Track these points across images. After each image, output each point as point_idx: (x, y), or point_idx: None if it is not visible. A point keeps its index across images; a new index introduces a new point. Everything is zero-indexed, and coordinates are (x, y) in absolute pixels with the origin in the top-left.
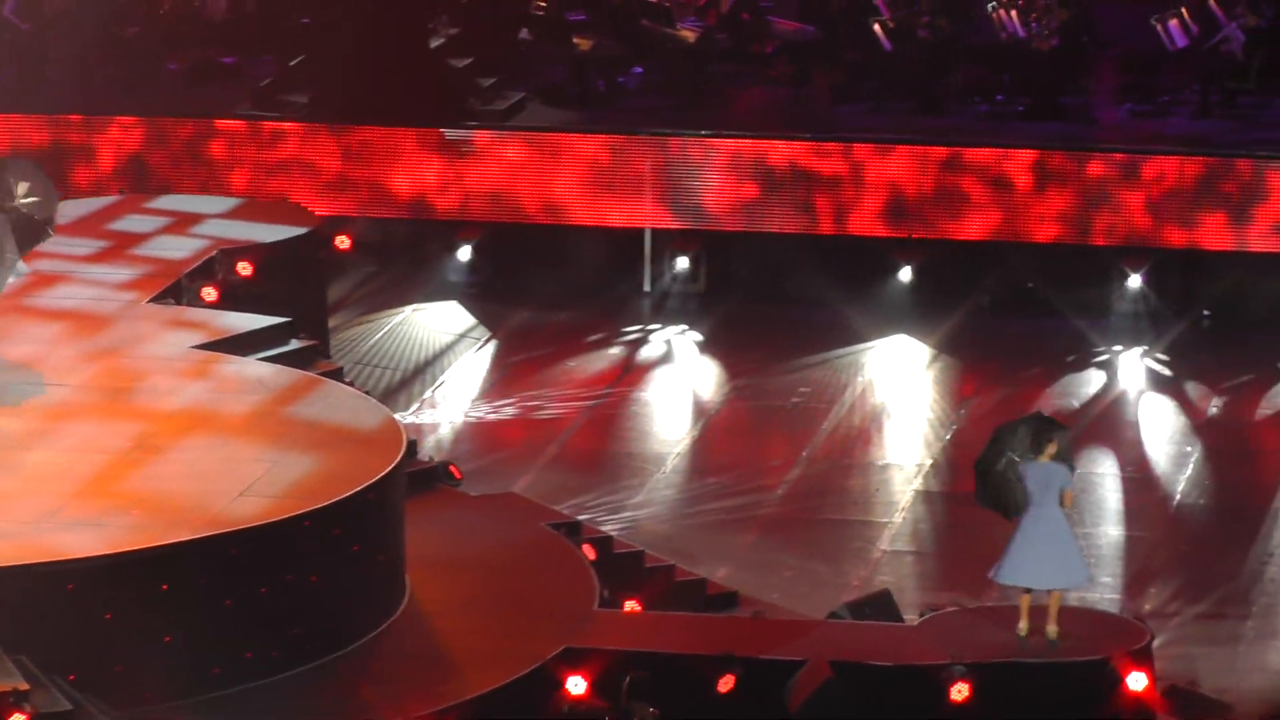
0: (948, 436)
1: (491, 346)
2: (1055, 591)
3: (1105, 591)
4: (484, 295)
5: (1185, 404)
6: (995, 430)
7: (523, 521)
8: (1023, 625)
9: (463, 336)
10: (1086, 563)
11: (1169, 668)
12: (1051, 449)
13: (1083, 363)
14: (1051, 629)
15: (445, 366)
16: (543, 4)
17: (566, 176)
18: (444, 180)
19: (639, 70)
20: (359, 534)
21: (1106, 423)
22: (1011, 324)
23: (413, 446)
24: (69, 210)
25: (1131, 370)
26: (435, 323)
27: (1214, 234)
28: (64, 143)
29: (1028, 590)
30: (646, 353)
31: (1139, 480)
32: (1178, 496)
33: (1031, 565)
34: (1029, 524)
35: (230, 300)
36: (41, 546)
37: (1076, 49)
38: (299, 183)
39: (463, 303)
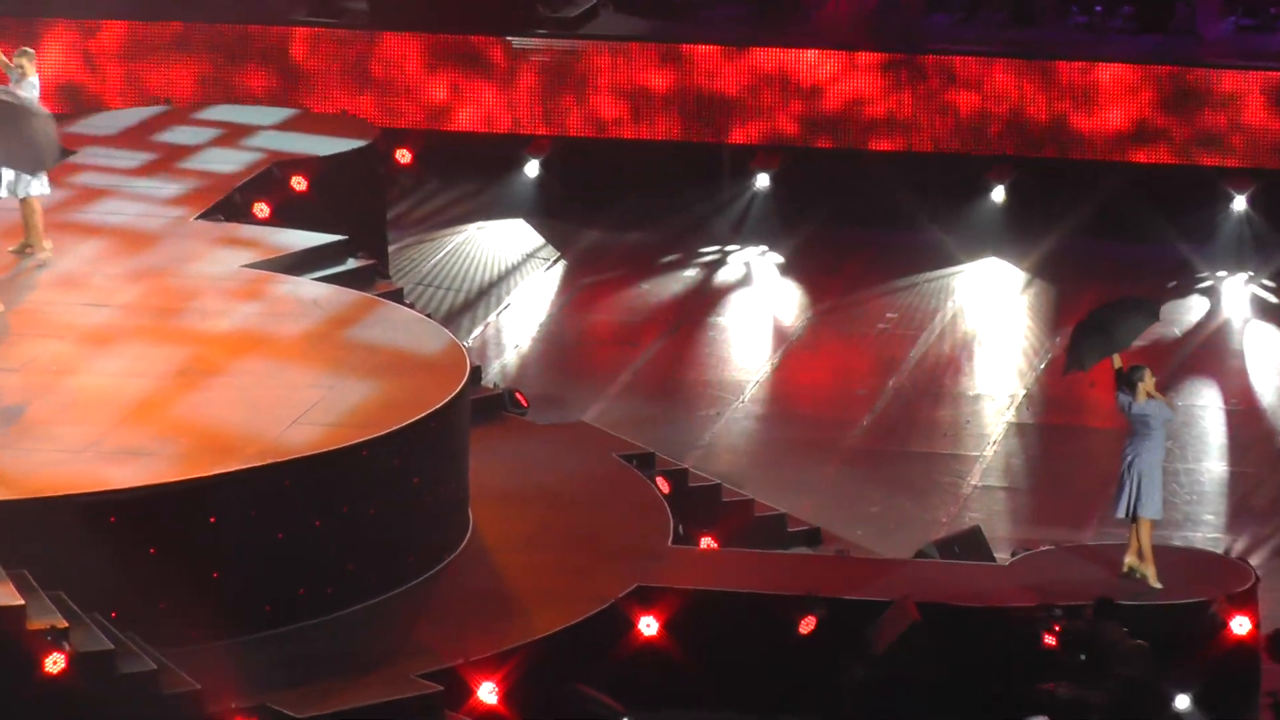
0: (1042, 366)
1: (560, 267)
2: (1149, 525)
3: (1207, 530)
4: (552, 213)
5: None
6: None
7: (593, 452)
8: (1131, 559)
9: (530, 257)
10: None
11: (1274, 611)
12: (1145, 385)
13: (1185, 289)
14: (1150, 570)
15: (511, 288)
16: None
17: (639, 88)
18: (511, 92)
19: None
20: (419, 465)
21: (1209, 353)
22: (1109, 248)
23: (477, 372)
24: (113, 121)
25: (1236, 297)
26: (501, 242)
27: None
28: (105, 48)
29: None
30: (724, 275)
31: (1243, 413)
32: None
33: (1160, 496)
34: (1151, 460)
35: (284, 217)
36: (82, 476)
37: None
38: (357, 93)
39: (530, 221)
